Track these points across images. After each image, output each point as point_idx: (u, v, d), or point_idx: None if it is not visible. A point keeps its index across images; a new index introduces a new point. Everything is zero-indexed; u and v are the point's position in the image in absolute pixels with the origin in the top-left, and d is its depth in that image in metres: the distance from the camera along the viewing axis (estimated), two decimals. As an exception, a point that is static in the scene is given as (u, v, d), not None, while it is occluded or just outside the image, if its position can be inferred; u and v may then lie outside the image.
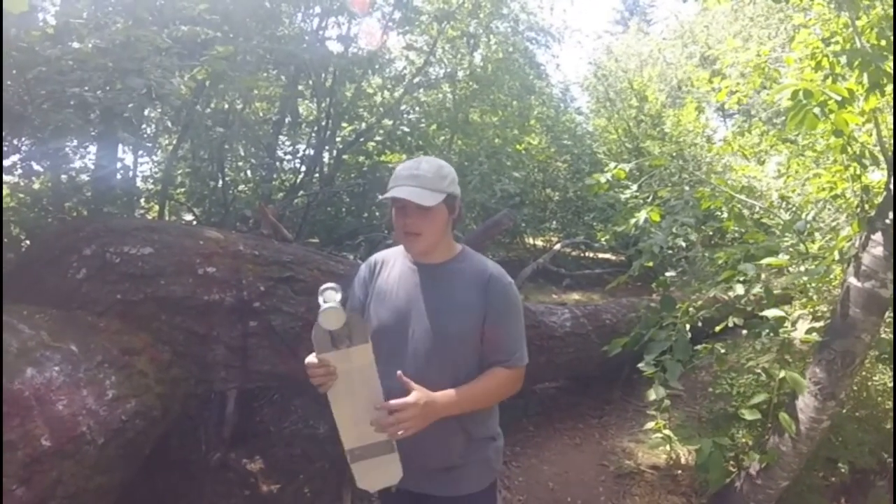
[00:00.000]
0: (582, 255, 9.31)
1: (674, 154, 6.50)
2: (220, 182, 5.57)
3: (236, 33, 3.90)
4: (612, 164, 3.44)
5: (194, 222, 5.21)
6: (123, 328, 2.41)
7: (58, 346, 2.08)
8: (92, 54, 2.21)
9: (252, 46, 4.03)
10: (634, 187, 3.58)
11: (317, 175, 6.75)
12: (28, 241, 2.69)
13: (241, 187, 6.02)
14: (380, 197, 1.70)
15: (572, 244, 8.39)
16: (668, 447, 3.30)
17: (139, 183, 4.43)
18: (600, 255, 9.13)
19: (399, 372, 1.54)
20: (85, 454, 1.89)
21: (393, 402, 1.49)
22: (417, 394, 1.51)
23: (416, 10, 5.76)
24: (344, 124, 6.60)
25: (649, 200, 3.50)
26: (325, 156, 6.78)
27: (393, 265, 1.78)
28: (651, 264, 3.25)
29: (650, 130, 8.29)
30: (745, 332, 3.29)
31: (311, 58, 4.94)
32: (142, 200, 4.45)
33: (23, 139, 2.50)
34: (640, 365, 2.95)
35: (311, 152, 6.57)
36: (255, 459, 3.29)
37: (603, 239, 4.54)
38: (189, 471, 2.96)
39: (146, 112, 3.68)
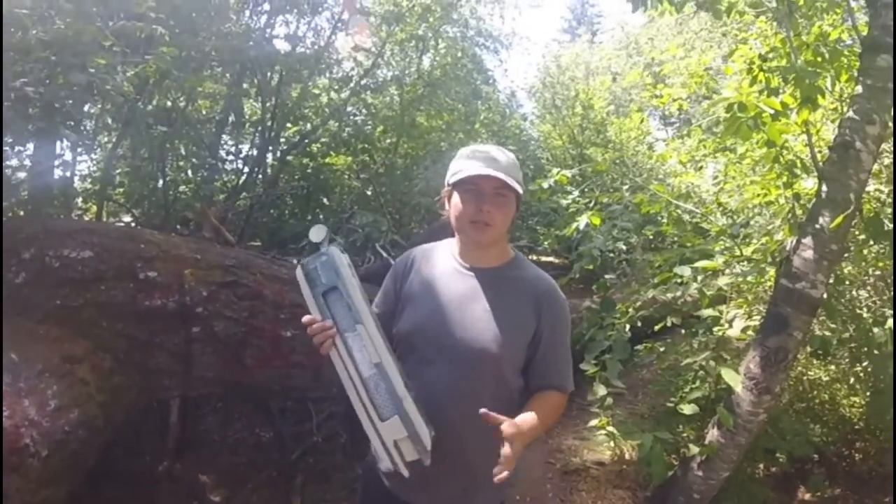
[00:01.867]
0: (526, 258, 9.41)
1: (616, 160, 6.77)
2: (161, 182, 5.37)
3: (182, 28, 3.78)
4: (556, 170, 3.56)
5: (133, 224, 5.00)
6: (64, 335, 2.33)
7: None
8: (35, 46, 2.10)
9: (197, 43, 3.93)
10: (576, 192, 3.71)
11: (260, 176, 6.61)
12: None
13: (181, 188, 5.82)
14: (457, 177, 1.47)
15: (517, 247, 8.51)
16: (612, 443, 3.44)
17: (77, 182, 4.21)
18: (543, 259, 9.33)
19: (483, 410, 1.30)
20: (30, 467, 1.82)
21: (504, 451, 1.27)
22: (512, 429, 1.29)
23: (365, 12, 5.75)
24: (289, 125, 6.50)
25: (591, 205, 3.62)
26: (269, 157, 6.66)
27: (436, 262, 1.60)
28: (592, 267, 3.37)
29: (594, 137, 8.57)
30: (682, 331, 3.48)
31: (258, 56, 4.85)
32: (79, 200, 4.23)
33: None
34: (581, 365, 3.07)
35: (255, 153, 6.43)
36: (201, 469, 3.20)
37: (546, 243, 4.66)
38: (135, 482, 2.86)
39: (86, 108, 3.51)
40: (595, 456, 3.68)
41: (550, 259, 8.97)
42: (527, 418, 1.36)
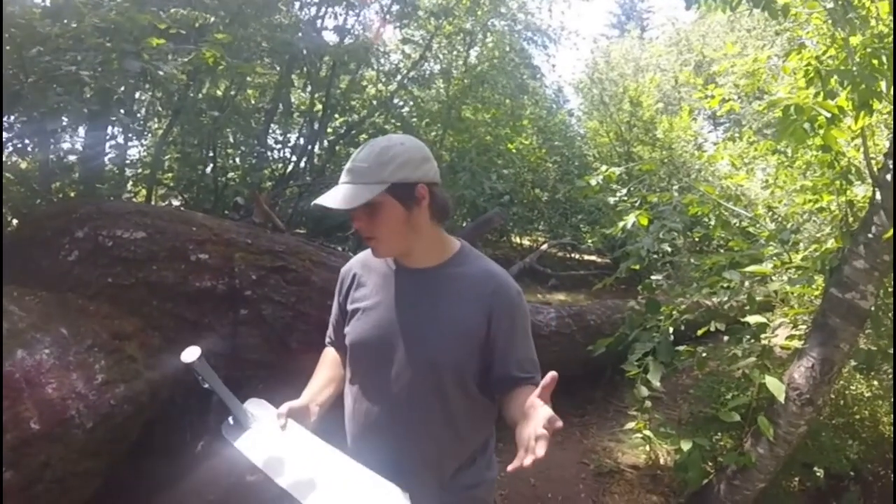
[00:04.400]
0: (568, 256, 9.37)
1: (664, 160, 6.59)
2: (210, 168, 5.53)
3: (233, 19, 3.87)
4: (603, 167, 3.49)
5: (184, 208, 5.16)
6: (114, 312, 2.39)
7: (48, 328, 2.07)
8: (90, 33, 2.17)
9: (248, 34, 4.02)
10: (624, 191, 3.62)
11: (307, 166, 6.72)
12: (15, 221, 2.65)
13: (230, 174, 5.97)
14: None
15: (559, 245, 8.46)
16: (647, 447, 3.36)
17: (128, 166, 4.37)
18: (586, 257, 9.19)
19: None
20: (73, 438, 1.88)
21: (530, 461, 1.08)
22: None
23: (413, 5, 5.75)
24: (336, 115, 6.57)
25: (638, 205, 3.54)
26: (317, 147, 6.75)
27: (374, 270, 1.47)
28: (638, 267, 3.30)
29: (642, 135, 8.38)
30: (726, 337, 3.36)
31: (307, 47, 4.91)
32: (129, 184, 4.39)
33: (16, 117, 2.45)
34: (623, 365, 3.00)
35: (302, 142, 6.53)
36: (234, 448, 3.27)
37: (590, 241, 4.59)
38: (173, 458, 2.93)
39: (137, 95, 3.64)
40: (630, 459, 3.61)
41: (593, 258, 8.85)
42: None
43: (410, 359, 1.34)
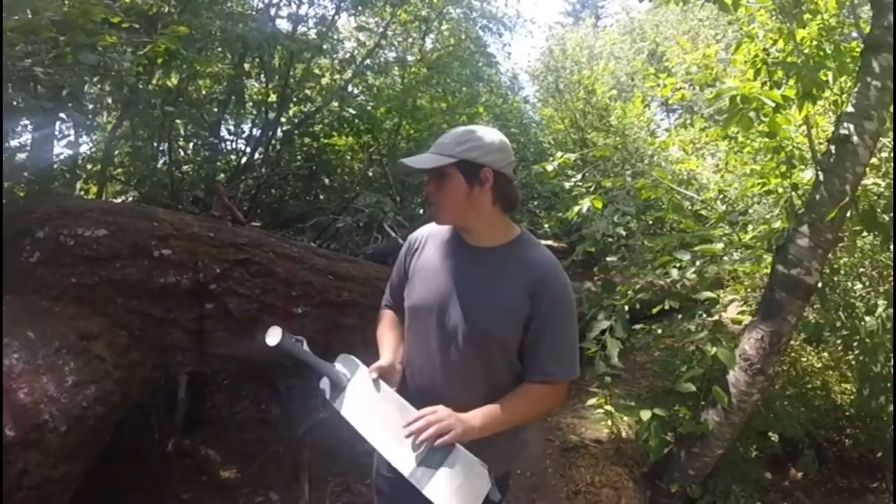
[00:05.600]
0: (534, 239, 9.45)
1: (618, 146, 6.79)
2: (163, 162, 5.38)
3: (184, 8, 3.78)
4: (559, 154, 3.60)
5: (141, 204, 5.02)
6: (79, 312, 2.36)
7: (15, 332, 2.02)
8: (43, 27, 2.10)
9: (201, 22, 3.92)
10: (579, 176, 3.75)
11: (262, 157, 6.61)
12: None
13: (184, 168, 5.82)
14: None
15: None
16: (609, 422, 3.52)
17: (77, 164, 4.22)
18: (544, 242, 9.38)
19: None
20: (49, 443, 1.85)
21: (431, 415, 1.37)
22: (444, 410, 1.39)
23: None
24: (291, 105, 6.48)
25: (592, 189, 3.67)
26: (272, 137, 6.65)
27: (443, 241, 1.62)
28: (593, 250, 3.44)
29: (596, 122, 8.58)
30: (680, 315, 3.55)
31: (260, 36, 4.83)
32: (80, 181, 4.24)
33: None
34: (581, 344, 3.14)
35: (258, 133, 6.42)
36: (209, 445, 3.27)
37: (547, 225, 4.70)
38: (144, 459, 2.92)
39: (86, 88, 3.52)
40: (593, 434, 3.78)
41: (550, 242, 9.02)
42: (482, 411, 1.43)
43: (463, 327, 1.49)
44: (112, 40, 2.72)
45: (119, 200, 4.83)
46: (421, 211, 6.60)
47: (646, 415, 2.87)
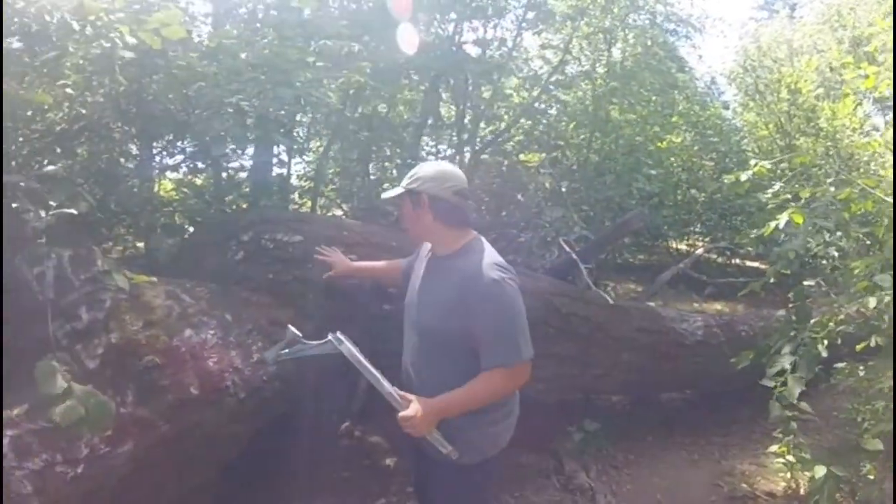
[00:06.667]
0: (728, 261, 8.64)
1: (829, 151, 5.77)
2: (367, 180, 6.07)
3: (377, 43, 4.25)
4: (752, 161, 3.24)
5: (343, 216, 5.75)
6: (273, 303, 2.75)
7: (214, 313, 2.46)
8: (244, 68, 2.62)
9: (391, 56, 4.37)
10: (776, 187, 3.30)
11: (455, 175, 7.02)
12: (191, 229, 3.24)
13: (385, 185, 6.48)
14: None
15: (716, 249, 7.82)
16: (789, 474, 3.04)
17: (294, 181, 5.01)
18: (747, 263, 8.35)
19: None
20: (226, 405, 2.24)
21: (400, 414, 1.77)
22: (414, 406, 1.75)
23: (549, 12, 5.78)
24: (482, 125, 6.81)
25: (795, 202, 3.20)
26: (466, 155, 7.05)
27: (424, 253, 2.07)
28: (788, 272, 3.00)
29: (803, 126, 7.43)
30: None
31: (449, 63, 5.19)
32: (295, 196, 5.03)
33: (187, 142, 3.03)
34: (762, 381, 2.76)
35: (451, 152, 6.87)
36: (378, 434, 3.58)
37: (742, 242, 4.22)
38: (318, 435, 3.32)
39: (298, 117, 4.17)
40: (767, 485, 3.34)
41: (755, 264, 7.98)
42: (443, 398, 1.76)
43: (418, 324, 1.94)
44: (308, 76, 3.19)
45: (325, 213, 5.58)
46: (608, 224, 6.40)
47: (820, 471, 2.44)
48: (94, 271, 2.09)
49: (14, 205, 1.54)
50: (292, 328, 2.06)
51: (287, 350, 2.05)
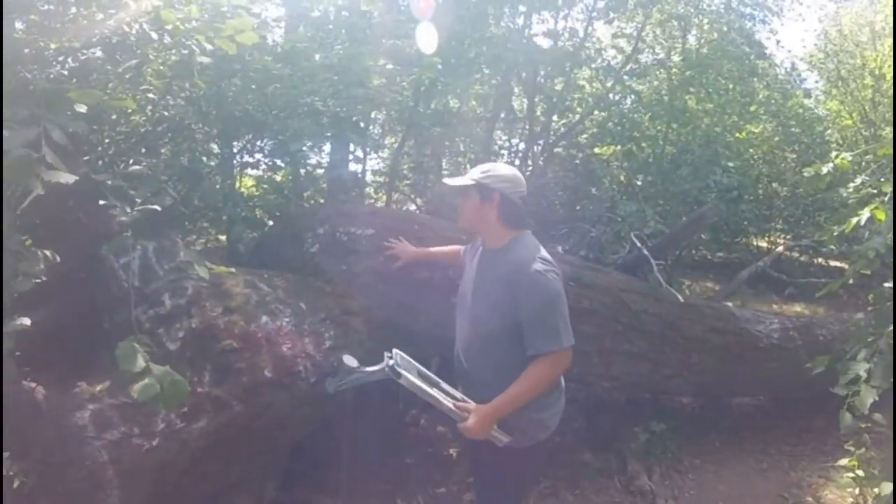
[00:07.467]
0: (811, 260, 8.15)
1: None
2: (440, 175, 6.16)
3: (448, 38, 4.31)
4: (833, 154, 3.05)
5: (417, 210, 5.88)
6: (346, 293, 2.85)
7: (290, 302, 2.58)
8: (318, 70, 2.75)
9: (462, 50, 4.42)
10: (858, 180, 3.09)
11: (530, 168, 7.00)
12: (271, 223, 3.44)
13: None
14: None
15: (799, 247, 7.33)
16: (857, 490, 2.86)
17: (369, 176, 5.19)
18: (831, 262, 7.76)
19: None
20: (298, 388, 2.36)
21: (459, 425, 1.92)
22: (472, 418, 1.88)
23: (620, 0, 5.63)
24: (555, 117, 6.73)
25: (880, 196, 2.98)
26: (538, 149, 6.99)
27: (478, 245, 2.19)
28: (869, 272, 2.80)
29: (889, 114, 6.80)
30: None
31: (520, 56, 5.18)
32: (371, 191, 5.21)
33: (265, 141, 3.22)
34: (834, 388, 2.61)
35: (523, 146, 6.84)
36: (444, 424, 3.66)
37: (830, 242, 3.95)
38: (384, 422, 3.44)
39: (372, 115, 4.31)
40: (834, 500, 3.23)
41: (838, 264, 7.39)
42: (496, 403, 1.87)
43: (470, 313, 2.08)
44: (379, 80, 3.29)
45: (400, 208, 5.73)
46: (684, 219, 6.16)
47: (886, 489, 2.29)
48: (177, 261, 2.29)
49: (101, 202, 1.70)
50: (348, 358, 2.16)
51: (345, 381, 2.18)
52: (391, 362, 1.98)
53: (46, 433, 1.87)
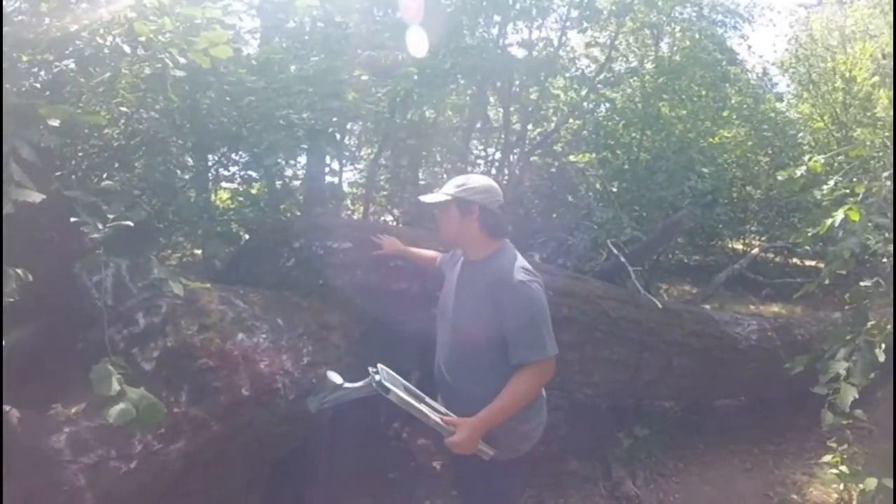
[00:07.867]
0: (787, 261, 8.31)
1: (887, 142, 5.42)
2: (417, 185, 6.16)
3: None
4: (806, 157, 3.13)
5: (394, 222, 5.87)
6: (323, 308, 2.80)
7: (266, 318, 2.54)
8: (293, 82, 2.72)
9: (438, 61, 4.42)
10: (831, 183, 3.16)
11: (506, 177, 7.03)
12: (247, 237, 3.39)
13: (435, 190, 6.55)
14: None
15: (774, 248, 7.51)
16: (842, 485, 2.91)
17: (346, 188, 5.15)
18: (807, 263, 7.96)
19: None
20: (276, 406, 2.33)
21: (446, 440, 1.88)
22: (459, 432, 1.85)
23: (594, 9, 5.72)
24: (530, 126, 6.78)
25: (852, 198, 3.05)
26: (514, 158, 7.02)
27: (458, 257, 2.21)
28: (845, 272, 2.87)
29: (860, 116, 7.04)
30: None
31: (495, 66, 5.21)
32: (348, 202, 5.17)
33: (240, 154, 3.18)
34: (814, 388, 2.66)
35: (499, 155, 6.87)
36: (426, 437, 3.63)
37: (805, 243, 4.05)
38: (367, 435, 3.40)
39: (349, 126, 4.28)
40: (819, 496, 3.27)
41: (814, 264, 7.59)
42: (482, 415, 1.85)
43: (452, 324, 2.07)
44: (353, 95, 3.26)
45: (377, 219, 5.71)
46: (660, 224, 6.25)
47: (871, 483, 2.34)
48: (151, 279, 2.23)
49: (73, 219, 1.66)
50: (331, 375, 2.10)
51: (329, 398, 2.12)
52: (378, 378, 1.93)
53: (22, 457, 1.80)
